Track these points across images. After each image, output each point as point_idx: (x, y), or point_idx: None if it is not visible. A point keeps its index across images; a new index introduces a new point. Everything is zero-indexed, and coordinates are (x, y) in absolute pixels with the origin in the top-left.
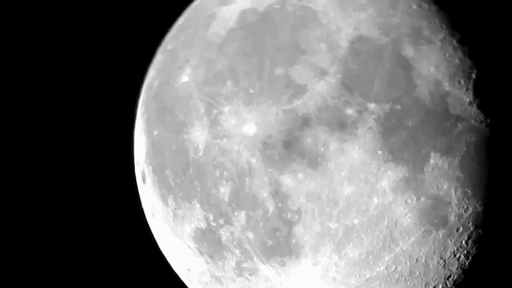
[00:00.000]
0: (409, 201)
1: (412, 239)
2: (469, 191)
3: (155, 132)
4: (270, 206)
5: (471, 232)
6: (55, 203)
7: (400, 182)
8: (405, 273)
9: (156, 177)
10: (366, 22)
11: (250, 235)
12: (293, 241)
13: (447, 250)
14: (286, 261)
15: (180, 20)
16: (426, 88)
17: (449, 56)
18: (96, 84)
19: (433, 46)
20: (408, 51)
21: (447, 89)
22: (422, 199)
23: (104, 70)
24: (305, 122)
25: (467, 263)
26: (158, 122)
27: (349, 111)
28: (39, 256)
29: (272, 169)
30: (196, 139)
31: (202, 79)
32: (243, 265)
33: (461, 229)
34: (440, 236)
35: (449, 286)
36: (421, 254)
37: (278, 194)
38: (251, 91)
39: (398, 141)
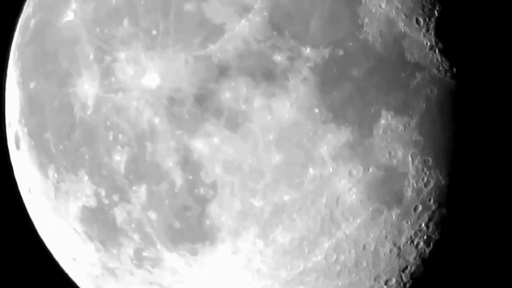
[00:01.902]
0: (355, 172)
1: (358, 221)
2: (430, 159)
3: (32, 85)
4: (178, 179)
5: (433, 212)
6: None
7: (342, 148)
8: (349, 263)
9: (33, 142)
10: None
11: (153, 216)
12: (207, 223)
13: (402, 234)
14: (199, 248)
15: None
16: (376, 28)
17: None
18: None
19: None
20: None
21: (402, 30)
22: (371, 170)
23: None
24: (222, 71)
25: (427, 251)
26: (36, 72)
27: (278, 58)
28: None
29: (180, 132)
30: (84, 93)
31: (91, 17)
32: (144, 254)
33: (420, 208)
34: (394, 217)
35: (405, 280)
36: (370, 240)
37: (188, 163)
38: (154, 32)
39: (341, 96)
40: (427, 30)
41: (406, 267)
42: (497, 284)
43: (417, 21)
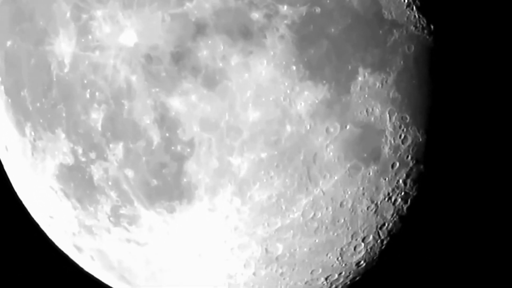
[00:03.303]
0: (332, 129)
1: (335, 178)
2: (408, 116)
3: (9, 43)
4: (155, 136)
5: (411, 169)
6: None
7: (320, 105)
8: (327, 220)
9: (10, 100)
10: None
11: (130, 173)
12: (184, 180)
13: (379, 191)
14: (176, 206)
15: None
16: None
17: None
18: None
19: None
20: None
21: None
22: (348, 127)
23: None
24: (199, 29)
25: (405, 208)
26: (12, 30)
27: (255, 15)
28: None
29: (157, 90)
30: (60, 52)
31: None
32: (121, 211)
33: (397, 164)
34: (371, 173)
35: (382, 237)
36: (347, 196)
37: (165, 121)
38: None
39: (318, 53)
40: None
41: (384, 224)
42: (474, 239)
43: None
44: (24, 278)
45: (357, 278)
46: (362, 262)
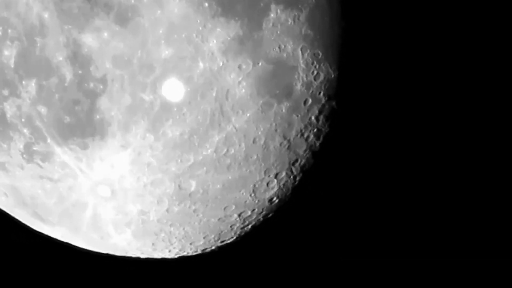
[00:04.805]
0: (244, 66)
1: (248, 115)
2: (320, 52)
3: None
4: (68, 73)
5: (323, 105)
6: None
7: (232, 42)
8: (239, 157)
9: None
10: None
11: (43, 110)
12: (97, 117)
13: (292, 128)
14: (89, 142)
15: None
16: None
17: None
18: None
19: None
20: None
21: None
22: (260, 64)
23: None
24: None
25: (317, 144)
26: None
27: None
28: None
29: (70, 26)
30: None
31: None
32: (34, 148)
33: (310, 101)
34: (284, 110)
35: (295, 172)
36: (259, 133)
37: (78, 57)
38: None
39: None
40: None
41: (296, 160)
42: (385, 172)
43: None
44: None
45: (270, 215)
46: (275, 198)
